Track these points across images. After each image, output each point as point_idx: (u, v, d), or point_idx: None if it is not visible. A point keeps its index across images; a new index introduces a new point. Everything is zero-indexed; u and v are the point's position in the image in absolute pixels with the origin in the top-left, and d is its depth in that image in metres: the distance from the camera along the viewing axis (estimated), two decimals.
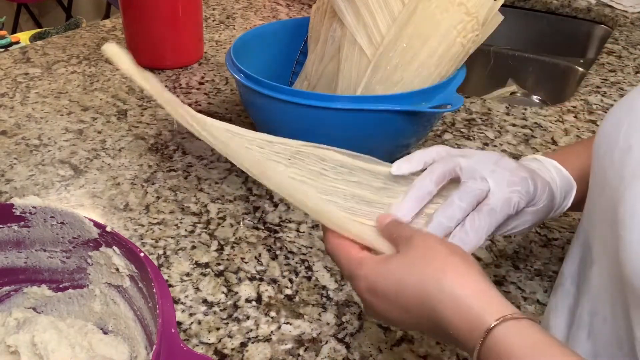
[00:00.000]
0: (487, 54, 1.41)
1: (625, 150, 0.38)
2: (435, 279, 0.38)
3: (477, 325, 0.36)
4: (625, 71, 1.17)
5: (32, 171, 0.79)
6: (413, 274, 0.39)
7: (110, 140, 0.87)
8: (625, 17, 1.46)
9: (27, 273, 0.54)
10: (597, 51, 1.45)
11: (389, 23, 0.72)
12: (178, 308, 0.59)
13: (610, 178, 0.39)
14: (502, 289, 0.63)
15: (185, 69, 1.12)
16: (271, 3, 1.50)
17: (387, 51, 0.72)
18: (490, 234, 0.45)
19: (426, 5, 0.70)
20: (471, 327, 0.36)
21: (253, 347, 0.55)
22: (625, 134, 0.40)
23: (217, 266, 0.64)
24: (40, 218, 0.51)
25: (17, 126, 0.90)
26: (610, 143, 0.41)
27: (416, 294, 0.39)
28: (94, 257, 0.52)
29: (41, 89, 1.01)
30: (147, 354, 0.49)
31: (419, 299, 0.39)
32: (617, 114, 0.42)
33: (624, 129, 0.40)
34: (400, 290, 0.40)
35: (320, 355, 0.54)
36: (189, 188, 0.77)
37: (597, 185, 0.43)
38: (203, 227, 0.70)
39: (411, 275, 0.39)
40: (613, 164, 0.39)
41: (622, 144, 0.39)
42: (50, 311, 0.55)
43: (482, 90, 1.42)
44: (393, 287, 0.40)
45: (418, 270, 0.39)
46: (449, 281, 0.38)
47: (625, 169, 0.38)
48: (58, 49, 1.18)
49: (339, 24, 0.76)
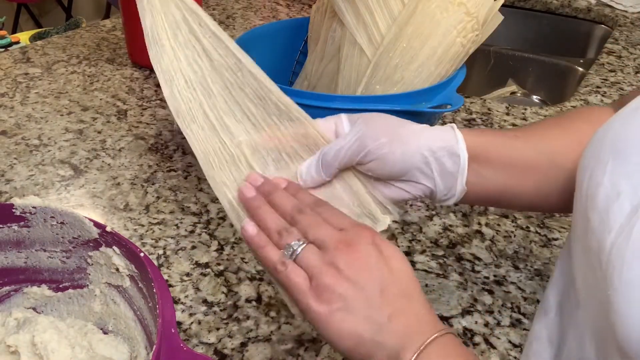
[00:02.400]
0: (487, 54, 1.41)
1: (613, 196, 0.36)
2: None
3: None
4: (625, 71, 1.17)
5: (32, 171, 0.79)
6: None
7: (110, 140, 0.87)
8: (625, 17, 1.46)
9: (27, 273, 0.54)
10: (597, 51, 1.45)
11: (389, 23, 0.72)
12: (178, 308, 0.59)
13: (595, 221, 0.36)
14: (502, 288, 0.63)
15: None
16: (271, 3, 1.50)
17: (387, 51, 0.72)
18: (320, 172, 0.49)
19: (426, 5, 0.70)
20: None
21: (253, 347, 0.55)
22: (611, 175, 0.37)
23: (217, 266, 0.64)
24: (40, 218, 0.51)
25: (17, 126, 0.90)
26: (593, 180, 0.38)
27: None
28: (94, 257, 0.52)
29: (41, 89, 1.01)
30: (147, 354, 0.49)
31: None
32: (600, 146, 0.39)
33: (609, 169, 0.37)
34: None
35: (320, 355, 0.54)
36: (189, 188, 0.77)
37: (579, 220, 0.40)
38: (203, 227, 0.70)
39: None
40: (596, 207, 0.37)
41: (607, 186, 0.36)
42: (50, 311, 0.55)
43: (482, 90, 1.42)
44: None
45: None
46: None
47: (612, 217, 0.35)
48: (58, 49, 1.18)
49: (339, 24, 0.76)
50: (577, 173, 0.41)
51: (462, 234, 0.71)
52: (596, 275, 0.36)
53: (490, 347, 0.56)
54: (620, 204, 0.35)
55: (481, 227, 0.72)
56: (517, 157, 0.50)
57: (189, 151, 0.84)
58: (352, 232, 0.42)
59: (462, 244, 0.69)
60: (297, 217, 0.44)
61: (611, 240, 0.34)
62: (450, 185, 0.49)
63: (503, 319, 0.59)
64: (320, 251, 0.42)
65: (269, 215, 0.45)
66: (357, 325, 0.39)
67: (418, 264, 0.66)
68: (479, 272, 0.65)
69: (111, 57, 1.15)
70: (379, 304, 0.39)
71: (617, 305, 0.33)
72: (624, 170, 0.36)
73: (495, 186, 0.50)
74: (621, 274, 0.33)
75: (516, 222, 0.73)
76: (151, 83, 1.05)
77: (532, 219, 0.74)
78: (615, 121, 0.40)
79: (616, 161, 0.37)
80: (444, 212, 0.75)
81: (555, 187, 0.51)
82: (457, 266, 0.66)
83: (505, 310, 0.60)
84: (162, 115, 0.94)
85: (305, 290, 0.41)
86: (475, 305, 0.61)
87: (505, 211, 0.75)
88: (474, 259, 0.67)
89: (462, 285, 0.63)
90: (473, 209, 0.75)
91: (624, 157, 0.36)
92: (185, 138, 0.50)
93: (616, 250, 0.34)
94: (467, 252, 0.68)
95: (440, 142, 0.48)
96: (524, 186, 0.51)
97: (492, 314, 0.60)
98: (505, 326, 0.59)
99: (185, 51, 0.51)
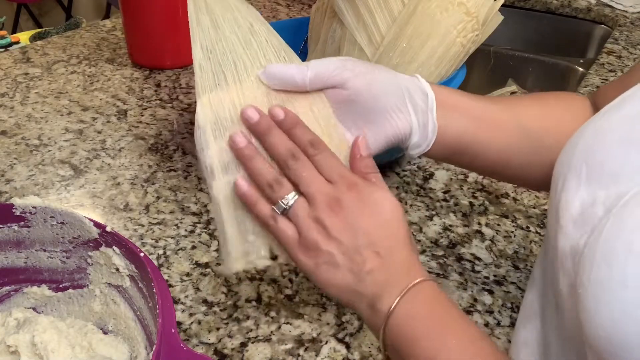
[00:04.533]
0: (487, 54, 1.41)
1: (587, 204, 0.36)
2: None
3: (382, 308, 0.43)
4: (625, 71, 1.17)
5: (32, 171, 0.79)
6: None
7: (110, 140, 0.87)
8: (625, 17, 1.46)
9: (27, 273, 0.54)
10: (597, 51, 1.45)
11: (389, 23, 0.72)
12: (178, 308, 0.59)
13: (569, 227, 0.37)
14: (502, 288, 0.63)
15: (185, 69, 1.12)
16: (271, 3, 1.50)
17: (387, 51, 0.72)
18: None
19: (426, 5, 0.70)
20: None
21: (253, 347, 0.55)
22: (587, 182, 0.37)
23: (217, 266, 0.64)
24: (40, 218, 0.51)
25: (17, 126, 0.90)
26: (567, 186, 0.39)
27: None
28: (94, 257, 0.52)
29: (41, 89, 1.01)
30: (147, 354, 0.49)
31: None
32: (573, 153, 0.40)
33: (583, 176, 0.37)
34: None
35: (320, 355, 0.54)
36: (189, 188, 0.77)
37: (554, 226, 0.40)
38: (203, 227, 0.70)
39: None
40: (572, 213, 0.37)
41: (583, 194, 0.37)
42: (50, 311, 0.55)
43: (482, 90, 1.42)
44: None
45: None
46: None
47: (586, 221, 0.36)
48: (58, 49, 1.18)
49: (339, 24, 0.76)
50: (552, 178, 0.42)
51: (462, 234, 0.71)
52: (572, 278, 0.36)
53: None
54: (595, 210, 0.35)
55: (481, 227, 0.72)
56: (486, 113, 0.53)
57: (189, 151, 0.84)
58: (341, 188, 0.45)
59: (462, 244, 0.69)
60: (290, 163, 0.45)
61: (583, 241, 0.35)
62: (424, 122, 0.50)
63: (503, 319, 0.59)
64: (309, 207, 0.44)
65: (260, 167, 0.46)
66: (340, 277, 0.44)
67: None
68: (479, 272, 0.65)
69: (111, 57, 1.15)
70: (361, 259, 0.43)
71: (586, 304, 0.33)
72: (598, 178, 0.37)
73: (464, 134, 0.52)
74: (590, 273, 0.33)
75: (516, 222, 0.73)
76: (151, 83, 1.05)
77: (532, 219, 0.74)
78: (587, 128, 0.40)
79: (590, 169, 0.37)
80: (444, 212, 0.75)
81: (519, 152, 0.53)
82: (457, 266, 0.66)
83: (505, 310, 0.60)
84: (162, 115, 0.94)
85: (294, 244, 0.45)
86: (475, 305, 0.61)
87: (506, 211, 0.75)
88: (474, 259, 0.67)
89: (462, 285, 0.63)
90: (473, 209, 0.75)
91: (598, 165, 0.37)
92: (185, 138, 0.49)
93: (587, 250, 0.34)
94: (467, 252, 0.68)
95: (410, 81, 0.50)
96: (491, 143, 0.52)
97: (492, 314, 0.60)
98: (505, 326, 0.59)
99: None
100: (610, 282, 0.32)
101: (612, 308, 0.31)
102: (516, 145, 0.53)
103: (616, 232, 0.33)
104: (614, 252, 0.32)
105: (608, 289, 0.32)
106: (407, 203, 0.76)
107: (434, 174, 0.83)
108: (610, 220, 0.33)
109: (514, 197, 0.78)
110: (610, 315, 0.31)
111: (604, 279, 0.32)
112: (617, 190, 0.35)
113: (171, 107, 0.97)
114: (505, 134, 0.52)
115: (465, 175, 0.83)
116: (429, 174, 0.83)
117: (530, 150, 0.53)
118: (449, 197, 0.78)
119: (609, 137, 0.38)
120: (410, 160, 0.85)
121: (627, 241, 0.32)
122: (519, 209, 0.76)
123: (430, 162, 0.85)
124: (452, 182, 0.81)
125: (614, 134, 0.38)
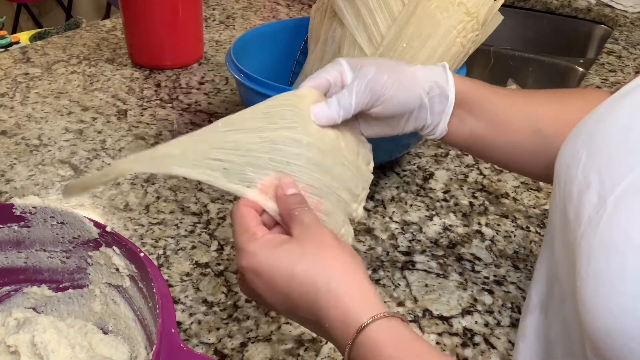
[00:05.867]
0: (487, 54, 1.41)
1: (584, 188, 0.37)
2: (324, 273, 0.40)
3: (352, 323, 0.38)
4: (625, 71, 1.17)
5: (32, 171, 0.79)
6: (303, 263, 0.40)
7: (110, 140, 0.87)
8: (625, 17, 1.46)
9: (27, 273, 0.54)
10: (597, 51, 1.45)
11: (389, 23, 0.72)
12: (178, 308, 0.59)
13: (571, 215, 0.37)
14: (502, 288, 0.63)
15: (185, 69, 1.12)
16: (271, 3, 1.50)
17: (387, 51, 0.72)
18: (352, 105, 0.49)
19: (426, 5, 0.70)
20: (346, 324, 0.39)
21: (253, 347, 0.55)
22: (583, 167, 0.38)
23: (217, 266, 0.64)
24: (40, 218, 0.51)
25: (17, 126, 0.90)
26: (569, 174, 0.39)
27: (302, 282, 0.40)
28: (94, 257, 0.52)
29: (41, 89, 1.01)
30: (147, 354, 0.49)
31: (304, 287, 0.40)
32: (576, 141, 0.40)
33: (582, 162, 0.38)
34: (287, 276, 0.40)
35: (320, 355, 0.54)
36: (189, 188, 0.77)
37: (558, 216, 0.40)
38: (203, 227, 0.70)
39: (301, 263, 0.40)
40: (572, 201, 0.37)
41: (580, 178, 0.37)
42: (50, 311, 0.55)
43: None
44: (280, 272, 0.41)
45: (309, 260, 0.40)
46: (336, 277, 0.40)
47: (583, 209, 0.36)
48: (58, 49, 1.18)
49: (339, 24, 0.76)
50: (554, 170, 0.42)
51: (462, 234, 0.71)
52: (572, 269, 0.36)
53: (490, 347, 0.56)
54: (590, 196, 0.36)
55: (481, 227, 0.72)
56: (499, 115, 0.54)
57: None
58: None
59: (462, 244, 0.69)
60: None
61: (580, 232, 0.35)
62: (436, 123, 0.53)
63: (503, 319, 0.59)
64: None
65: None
66: (299, 323, 0.44)
67: (418, 264, 0.66)
68: (479, 272, 0.65)
69: (111, 57, 1.15)
70: (298, 320, 0.43)
71: (584, 295, 0.33)
72: (595, 162, 0.37)
73: (474, 134, 0.54)
74: (588, 265, 0.33)
75: (516, 222, 0.73)
76: (151, 83, 1.05)
77: (532, 219, 0.74)
78: (590, 117, 0.41)
79: (589, 154, 0.38)
80: (444, 212, 0.75)
81: (528, 151, 0.54)
82: (457, 266, 0.66)
83: (505, 310, 0.60)
84: (162, 115, 0.94)
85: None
86: (475, 305, 0.61)
87: (506, 211, 0.75)
88: (474, 259, 0.67)
89: (462, 285, 0.63)
90: (473, 209, 0.75)
91: (596, 150, 0.38)
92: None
93: (584, 241, 0.34)
94: (467, 252, 0.68)
95: (434, 83, 0.52)
96: (500, 142, 0.54)
97: (492, 314, 0.60)
98: (505, 326, 0.59)
99: None
100: (608, 274, 0.32)
101: (610, 300, 0.31)
102: (527, 145, 0.54)
103: (614, 223, 0.33)
104: (612, 244, 0.32)
105: (606, 281, 0.32)
106: (407, 203, 0.76)
107: (434, 174, 0.83)
108: (607, 210, 0.34)
109: (514, 197, 0.78)
110: (608, 307, 0.31)
111: (602, 271, 0.32)
112: (611, 177, 0.35)
113: (171, 107, 0.97)
114: (517, 136, 0.54)
115: (465, 175, 0.83)
116: (429, 174, 0.83)
117: (540, 149, 0.53)
118: (449, 197, 0.78)
119: (609, 125, 0.38)
120: (410, 160, 0.85)
121: (626, 233, 0.32)
122: (519, 209, 0.76)
123: (430, 162, 0.85)
124: (452, 182, 0.81)
125: (615, 122, 0.38)
